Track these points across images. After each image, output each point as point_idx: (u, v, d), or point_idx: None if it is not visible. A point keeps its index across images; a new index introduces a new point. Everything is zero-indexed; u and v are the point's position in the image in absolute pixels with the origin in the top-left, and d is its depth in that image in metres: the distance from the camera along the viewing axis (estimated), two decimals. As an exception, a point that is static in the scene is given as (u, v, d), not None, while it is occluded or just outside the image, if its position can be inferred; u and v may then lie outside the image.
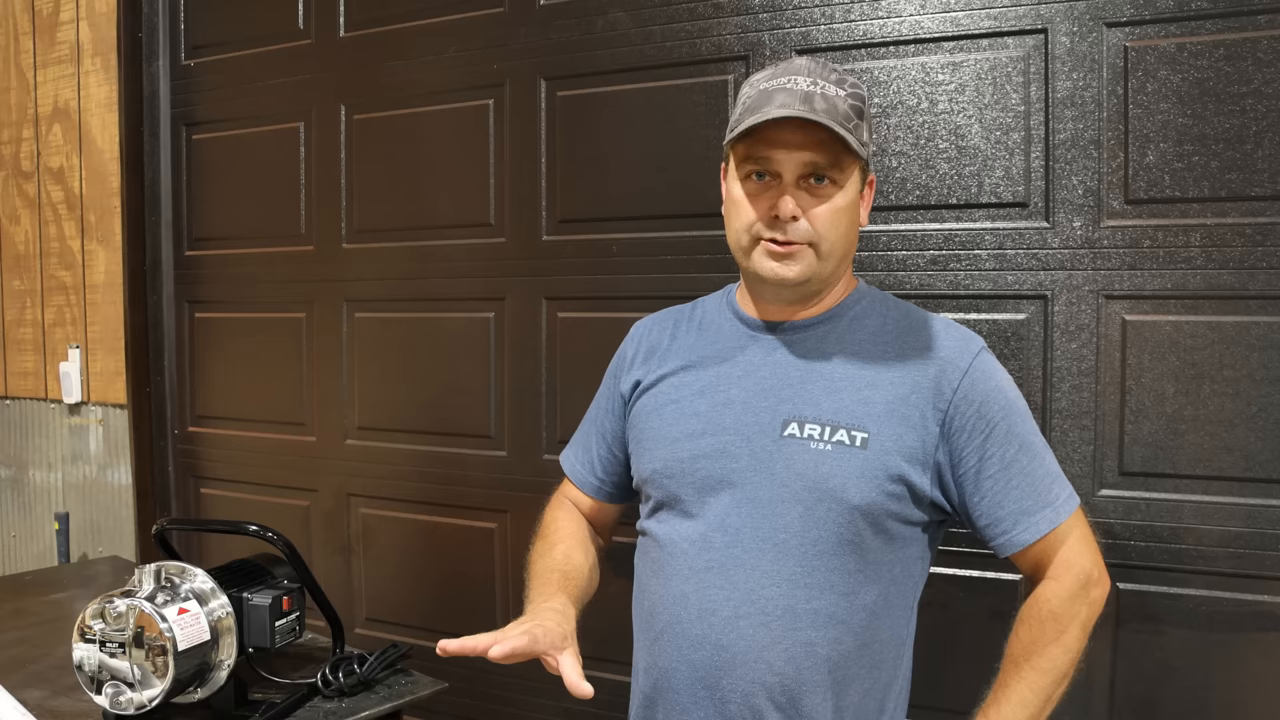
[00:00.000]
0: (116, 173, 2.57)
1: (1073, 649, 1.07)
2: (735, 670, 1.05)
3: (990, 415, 1.07)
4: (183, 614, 1.23)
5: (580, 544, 1.27)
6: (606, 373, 1.33)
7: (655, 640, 1.13)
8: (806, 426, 1.06)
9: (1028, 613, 1.09)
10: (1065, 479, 1.12)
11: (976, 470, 1.06)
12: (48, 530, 2.78)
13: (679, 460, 1.12)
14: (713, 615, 1.06)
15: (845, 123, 1.03)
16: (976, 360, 1.08)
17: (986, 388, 1.08)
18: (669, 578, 1.11)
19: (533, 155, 2.06)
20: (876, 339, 1.11)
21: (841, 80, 1.07)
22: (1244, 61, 1.50)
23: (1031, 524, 1.07)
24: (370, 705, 1.37)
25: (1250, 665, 1.54)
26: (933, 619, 1.73)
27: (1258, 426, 1.52)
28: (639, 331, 1.29)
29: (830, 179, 1.05)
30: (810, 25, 1.78)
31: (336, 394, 2.34)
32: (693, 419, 1.13)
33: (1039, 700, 1.05)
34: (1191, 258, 1.55)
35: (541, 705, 2.10)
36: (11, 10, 2.80)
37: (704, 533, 1.09)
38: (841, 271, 1.14)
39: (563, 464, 1.36)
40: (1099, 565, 1.10)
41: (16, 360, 2.85)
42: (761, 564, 1.06)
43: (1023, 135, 1.64)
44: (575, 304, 2.02)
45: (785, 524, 1.06)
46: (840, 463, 1.05)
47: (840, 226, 1.07)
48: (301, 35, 2.35)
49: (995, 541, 1.09)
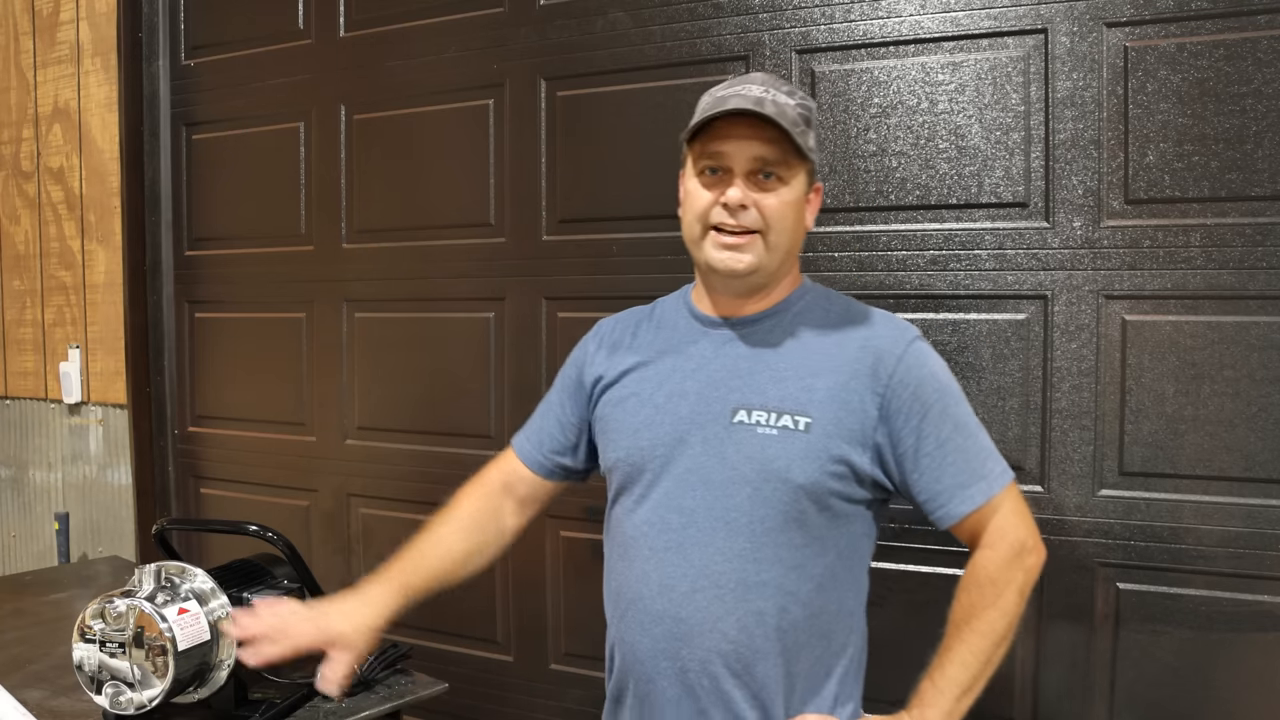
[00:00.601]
0: (116, 173, 2.57)
1: (1010, 612, 1.12)
2: (693, 640, 1.14)
3: (925, 398, 1.14)
4: (183, 614, 1.23)
5: (467, 528, 1.33)
6: (566, 363, 1.38)
7: (621, 617, 1.21)
8: (754, 413, 1.14)
9: (967, 579, 1.15)
10: (999, 455, 1.18)
11: (914, 449, 1.14)
12: (48, 530, 2.78)
13: (639, 449, 1.20)
14: (671, 591, 1.15)
15: (793, 126, 1.12)
16: (910, 348, 1.16)
17: (920, 374, 1.15)
18: (632, 559, 1.20)
19: (533, 155, 2.06)
20: (819, 331, 1.19)
21: (792, 92, 1.17)
22: (1244, 61, 1.50)
23: (967, 496, 1.14)
24: (370, 705, 1.37)
25: (1250, 665, 1.54)
26: (931, 619, 1.73)
27: (1258, 426, 1.52)
28: (603, 329, 1.36)
29: (778, 175, 1.14)
30: (810, 25, 1.78)
31: (336, 394, 2.34)
32: (651, 409, 1.21)
33: (979, 662, 1.11)
34: (1191, 258, 1.55)
35: (541, 705, 2.10)
36: (11, 10, 2.80)
37: (662, 515, 1.17)
38: (788, 267, 1.21)
39: (512, 443, 1.41)
40: (1033, 534, 1.15)
41: (16, 360, 2.85)
42: (715, 541, 1.14)
43: (1023, 135, 1.64)
44: (575, 304, 2.02)
45: (736, 504, 1.13)
46: (785, 446, 1.12)
47: (787, 219, 1.15)
48: (301, 35, 2.36)
49: (934, 514, 1.16)
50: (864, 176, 1.75)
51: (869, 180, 1.75)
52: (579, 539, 2.04)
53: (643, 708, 1.19)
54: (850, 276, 1.77)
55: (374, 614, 1.20)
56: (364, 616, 1.19)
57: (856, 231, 1.76)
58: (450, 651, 2.20)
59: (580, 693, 2.04)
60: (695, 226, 1.17)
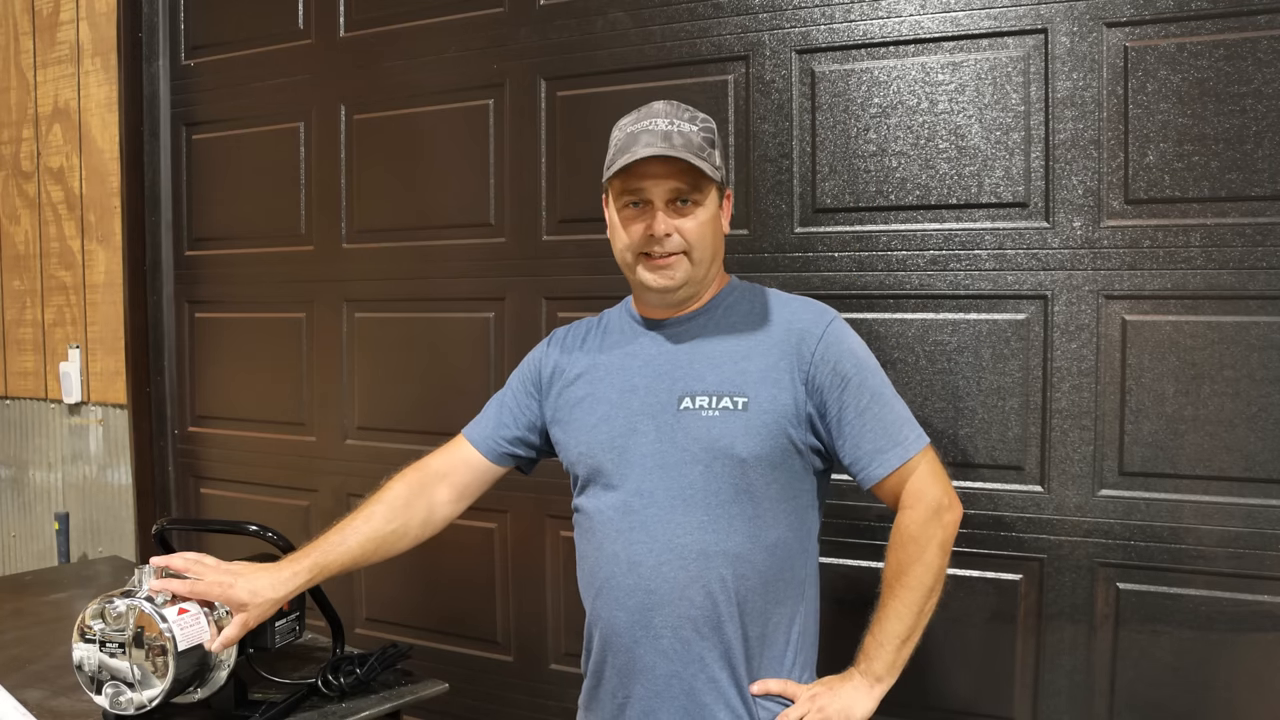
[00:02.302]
0: (116, 173, 2.57)
1: (933, 565, 1.24)
2: (664, 609, 1.25)
3: (844, 371, 1.27)
4: (183, 614, 1.23)
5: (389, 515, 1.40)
6: (522, 364, 1.50)
7: (596, 596, 1.33)
8: (697, 399, 1.27)
9: (893, 540, 1.27)
10: (915, 423, 1.30)
11: (838, 419, 1.27)
12: (48, 530, 2.78)
13: (598, 442, 1.32)
14: (639, 566, 1.27)
15: (700, 153, 1.26)
16: (829, 328, 1.29)
17: (840, 350, 1.28)
18: (601, 542, 1.31)
19: (533, 155, 2.06)
20: (747, 320, 1.33)
21: (694, 118, 1.30)
22: (1244, 61, 1.50)
23: (884, 460, 1.26)
24: (370, 705, 1.37)
25: (1250, 665, 1.54)
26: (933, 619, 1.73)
27: (1258, 426, 1.52)
28: (556, 336, 1.48)
29: (693, 200, 1.28)
30: (810, 25, 1.78)
31: (336, 394, 2.34)
32: (605, 405, 1.34)
33: (912, 613, 1.23)
34: (1191, 258, 1.55)
35: (541, 705, 2.10)
36: (11, 10, 2.80)
37: (625, 499, 1.29)
38: (714, 273, 1.36)
39: (463, 431, 1.49)
40: (949, 493, 1.27)
41: (16, 360, 2.85)
42: (675, 517, 1.26)
43: (1023, 135, 1.64)
44: (575, 304, 2.02)
45: (690, 481, 1.26)
46: (727, 424, 1.25)
47: (706, 236, 1.30)
48: (301, 35, 2.35)
49: (858, 476, 1.28)
50: (864, 176, 1.75)
51: (869, 180, 1.75)
52: (579, 539, 2.04)
53: (621, 678, 1.31)
54: (850, 276, 1.77)
55: (276, 587, 1.28)
56: (266, 588, 1.27)
57: (856, 231, 1.76)
58: (450, 651, 2.20)
59: (580, 693, 2.03)
60: (627, 255, 1.31)
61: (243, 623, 1.25)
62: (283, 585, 1.29)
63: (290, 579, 1.30)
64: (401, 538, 1.40)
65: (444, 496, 1.44)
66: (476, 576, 2.18)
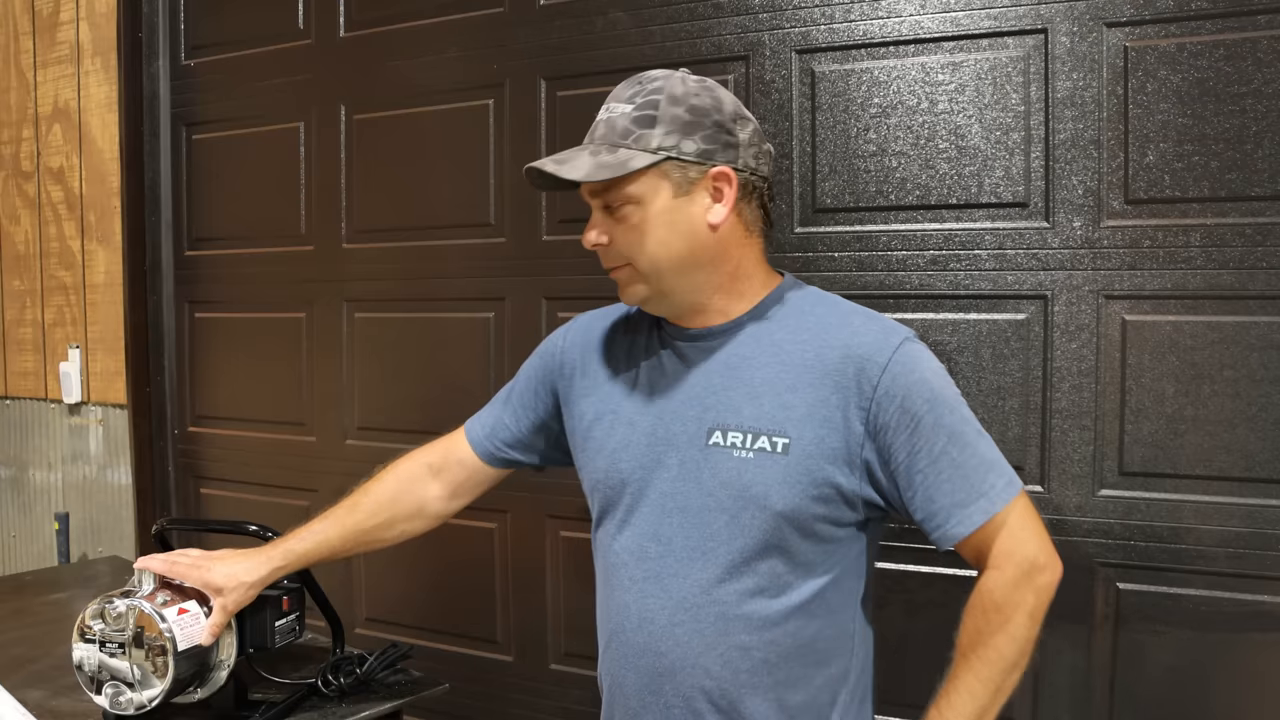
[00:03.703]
0: (116, 173, 2.57)
1: (1019, 637, 1.04)
2: (675, 676, 1.09)
3: (914, 409, 1.04)
4: (183, 614, 1.23)
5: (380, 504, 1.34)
6: (536, 353, 1.34)
7: (606, 647, 1.18)
8: (729, 434, 1.07)
9: (972, 603, 1.07)
10: (1005, 465, 1.08)
11: (907, 466, 1.05)
12: (48, 530, 2.78)
13: (617, 471, 1.15)
14: (650, 624, 1.10)
15: (622, 139, 1.05)
16: (897, 354, 1.06)
17: (909, 381, 1.05)
18: (614, 588, 1.16)
19: (533, 155, 2.05)
20: (797, 339, 1.10)
21: (640, 92, 1.07)
22: (1244, 61, 1.50)
23: (965, 516, 1.04)
24: (370, 705, 1.36)
25: (1250, 665, 1.54)
26: (931, 619, 1.73)
27: (1258, 426, 1.52)
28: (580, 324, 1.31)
29: (619, 200, 1.07)
30: (810, 25, 1.78)
31: (336, 394, 2.34)
32: (627, 428, 1.15)
33: (988, 691, 1.03)
34: (1191, 258, 1.55)
35: (541, 705, 2.10)
36: (11, 10, 2.80)
37: (640, 543, 1.12)
38: (717, 278, 1.11)
39: (465, 426, 1.38)
40: (1045, 550, 1.07)
41: (16, 360, 2.85)
42: (692, 572, 1.08)
43: (1023, 135, 1.64)
44: (575, 304, 2.01)
45: (712, 532, 1.07)
46: (762, 470, 1.05)
47: (648, 238, 1.07)
48: (301, 35, 2.35)
49: (932, 535, 1.07)
50: (864, 176, 1.75)
51: (869, 180, 1.75)
52: (579, 539, 2.04)
53: None
54: (850, 276, 1.77)
55: (251, 571, 1.25)
56: (242, 572, 1.25)
57: (856, 231, 1.76)
58: (450, 651, 2.20)
59: (580, 693, 2.04)
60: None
61: (223, 607, 1.23)
62: (256, 570, 1.26)
63: (264, 563, 1.27)
64: (386, 531, 1.34)
65: (435, 493, 1.36)
66: (477, 576, 2.17)
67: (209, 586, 1.24)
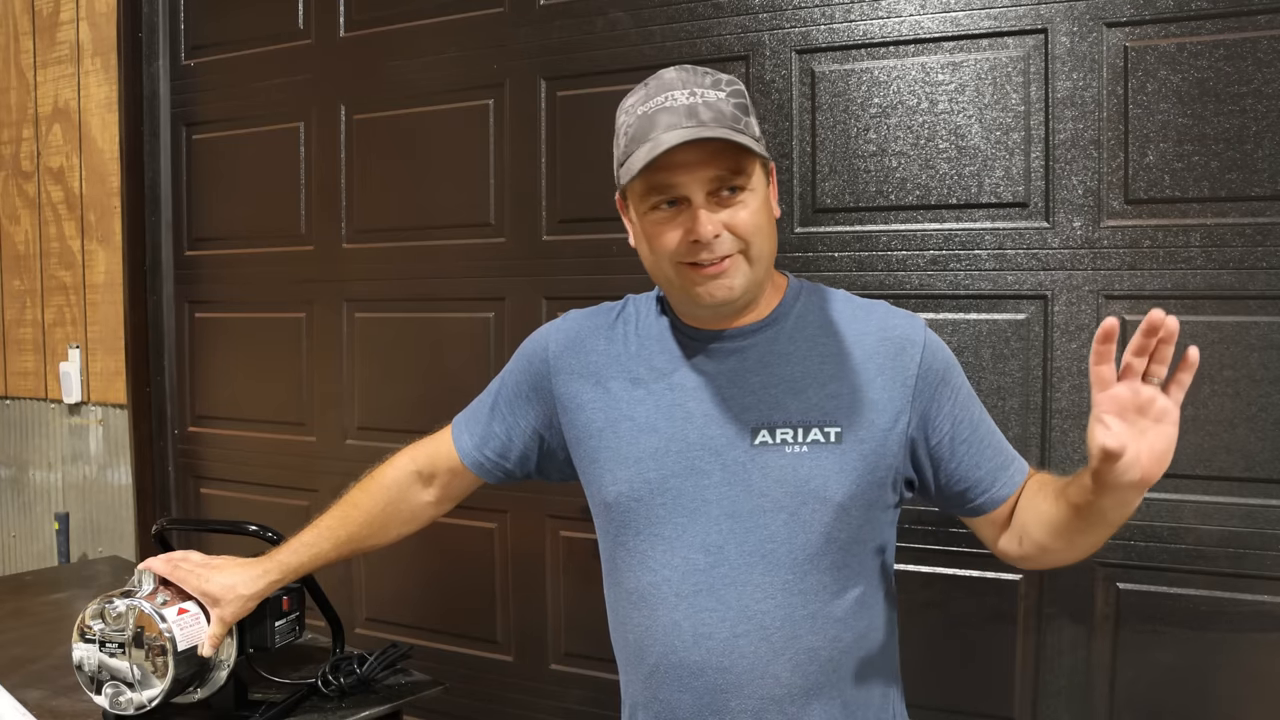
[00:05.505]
0: (116, 173, 2.57)
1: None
2: (742, 690, 1.05)
3: (953, 382, 1.10)
4: (182, 614, 1.23)
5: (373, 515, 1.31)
6: (521, 356, 1.28)
7: (650, 675, 1.10)
8: (778, 431, 1.06)
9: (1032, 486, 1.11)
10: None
11: (951, 436, 1.08)
12: (48, 530, 2.78)
13: (646, 482, 1.09)
14: (709, 639, 1.05)
15: (735, 124, 1.01)
16: (928, 334, 1.11)
17: (945, 357, 1.11)
18: (654, 607, 1.09)
19: (533, 155, 2.06)
20: (826, 330, 1.10)
21: (717, 82, 1.04)
22: (1244, 61, 1.50)
23: (1008, 478, 1.10)
24: (370, 705, 1.36)
25: (1250, 665, 1.54)
26: (932, 619, 1.73)
27: (1258, 426, 1.52)
28: (570, 322, 1.26)
29: (739, 185, 1.03)
30: (810, 25, 1.78)
31: (336, 394, 2.34)
32: (652, 435, 1.10)
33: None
34: (1191, 258, 1.55)
35: (541, 705, 2.10)
36: (11, 10, 2.80)
37: (685, 555, 1.07)
38: (770, 271, 1.11)
39: (453, 433, 1.33)
40: None
41: (16, 360, 2.85)
42: (752, 578, 1.05)
43: (1023, 135, 1.64)
44: (575, 304, 2.00)
45: (770, 534, 1.05)
46: (819, 462, 1.05)
47: (763, 228, 1.05)
48: (301, 35, 2.35)
49: (977, 500, 1.10)
50: (864, 176, 1.75)
51: (869, 180, 1.75)
52: (579, 539, 2.04)
53: None
54: (850, 276, 1.77)
55: (249, 584, 1.25)
56: (240, 584, 1.24)
57: (856, 231, 1.76)
58: (450, 651, 2.20)
59: (580, 693, 2.04)
60: (669, 269, 1.06)
61: (220, 618, 1.23)
62: (253, 584, 1.25)
63: (261, 576, 1.26)
64: (380, 539, 1.33)
65: (427, 499, 1.34)
66: (476, 576, 2.17)
67: (206, 597, 1.24)
